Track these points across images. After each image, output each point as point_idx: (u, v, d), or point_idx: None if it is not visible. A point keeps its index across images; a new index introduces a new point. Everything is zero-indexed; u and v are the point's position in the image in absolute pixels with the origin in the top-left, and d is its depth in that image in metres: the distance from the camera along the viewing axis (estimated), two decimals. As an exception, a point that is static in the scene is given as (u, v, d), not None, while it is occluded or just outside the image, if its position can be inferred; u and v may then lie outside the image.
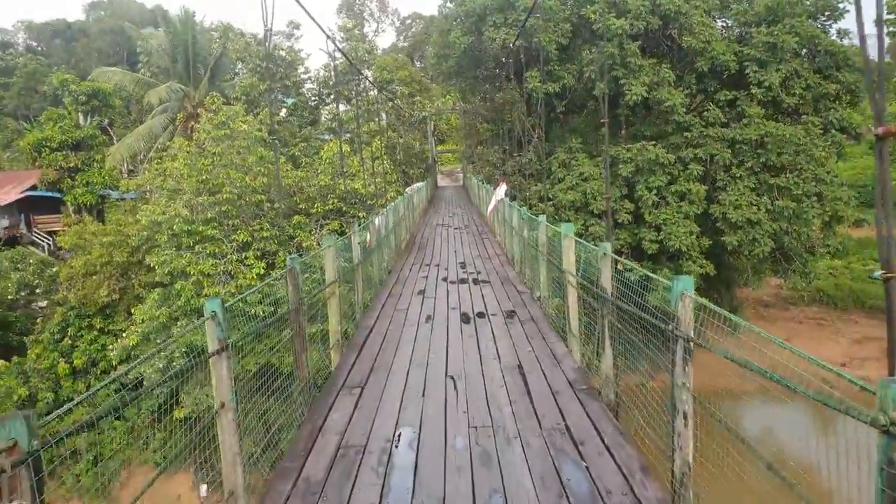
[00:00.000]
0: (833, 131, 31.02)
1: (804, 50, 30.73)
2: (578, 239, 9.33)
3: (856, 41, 32.23)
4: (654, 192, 29.73)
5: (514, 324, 10.59)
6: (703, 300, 5.24)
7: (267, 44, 8.48)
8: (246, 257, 24.14)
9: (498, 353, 8.98)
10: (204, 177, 24.42)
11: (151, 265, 24.19)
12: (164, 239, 24.29)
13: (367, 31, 55.30)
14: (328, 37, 17.25)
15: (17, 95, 48.66)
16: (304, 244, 24.96)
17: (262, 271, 23.86)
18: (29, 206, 36.20)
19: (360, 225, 13.93)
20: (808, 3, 30.85)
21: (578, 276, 9.23)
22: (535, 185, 30.94)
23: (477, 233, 24.86)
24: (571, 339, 9.29)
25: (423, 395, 7.57)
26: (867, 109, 36.97)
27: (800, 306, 38.06)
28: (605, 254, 7.48)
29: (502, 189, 19.93)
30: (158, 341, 23.82)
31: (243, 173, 25.01)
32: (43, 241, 34.52)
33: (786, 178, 29.77)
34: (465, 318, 11.06)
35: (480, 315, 11.27)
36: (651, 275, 6.33)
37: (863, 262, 40.20)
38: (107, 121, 36.46)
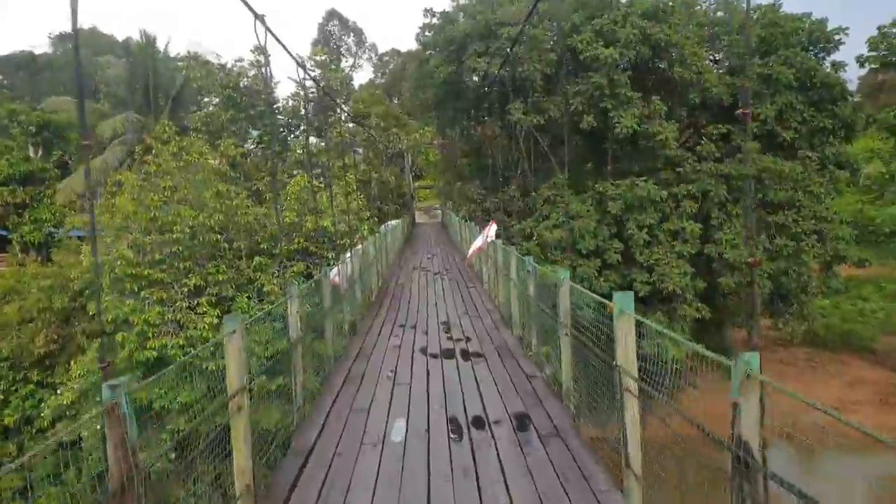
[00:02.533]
0: (830, 167, 27.66)
1: (798, 82, 27.35)
2: (656, 326, 5.32)
3: (850, 73, 29.15)
4: (645, 230, 26.07)
5: (532, 442, 6.45)
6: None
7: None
8: (198, 304, 19.81)
9: (514, 517, 4.88)
10: (153, 214, 20.24)
11: (90, 313, 19.96)
12: (106, 283, 20.07)
13: (343, 65, 51.41)
14: (265, 26, 13.21)
15: (-25, 129, 44.20)
16: (265, 288, 20.75)
17: (217, 320, 19.57)
18: (-28, 244, 31.59)
19: (301, 282, 10.00)
20: (801, 34, 27.54)
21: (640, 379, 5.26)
22: (519, 222, 27.09)
23: (461, 279, 20.51)
24: (632, 483, 5.25)
25: None
26: (861, 144, 33.73)
27: (789, 348, 34.31)
28: (749, 374, 3.49)
29: (492, 229, 15.91)
30: (98, 399, 19.49)
31: (198, 210, 20.91)
32: (-14, 282, 29.93)
33: (784, 216, 26.25)
34: (454, 430, 6.88)
35: (478, 423, 7.08)
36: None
37: (852, 301, 36.61)
38: (68, 156, 32.23)
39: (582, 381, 7.15)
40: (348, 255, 13.54)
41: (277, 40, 8.99)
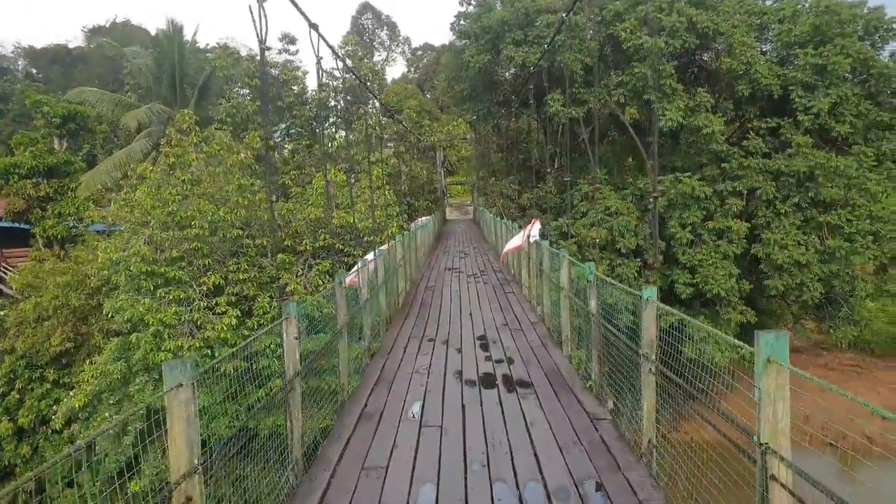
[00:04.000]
0: (888, 163, 24.97)
1: (854, 74, 24.78)
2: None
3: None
4: (689, 229, 23.74)
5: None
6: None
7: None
8: (217, 304, 17.94)
9: None
10: (171, 208, 18.42)
11: (105, 312, 18.33)
12: (122, 281, 18.41)
13: (376, 58, 48.74)
14: (310, 24, 11.13)
15: (12, 122, 42.81)
16: (288, 287, 18.87)
17: (236, 321, 17.72)
18: (-1, 238, 30.13)
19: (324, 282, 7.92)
20: (858, 22, 24.88)
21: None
22: (555, 220, 24.87)
23: (497, 283, 18.00)
24: None
25: None
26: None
27: (834, 352, 31.60)
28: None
29: (535, 227, 13.64)
30: (111, 401, 17.93)
31: (219, 204, 19.13)
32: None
33: (837, 215, 23.68)
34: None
35: (534, 496, 4.96)
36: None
37: (898, 304, 33.68)
38: (96, 148, 30.61)
39: (678, 442, 5.00)
40: (370, 255, 11.40)
41: (334, 52, 6.96)
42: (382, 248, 13.24)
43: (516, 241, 14.49)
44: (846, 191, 23.70)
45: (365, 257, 10.89)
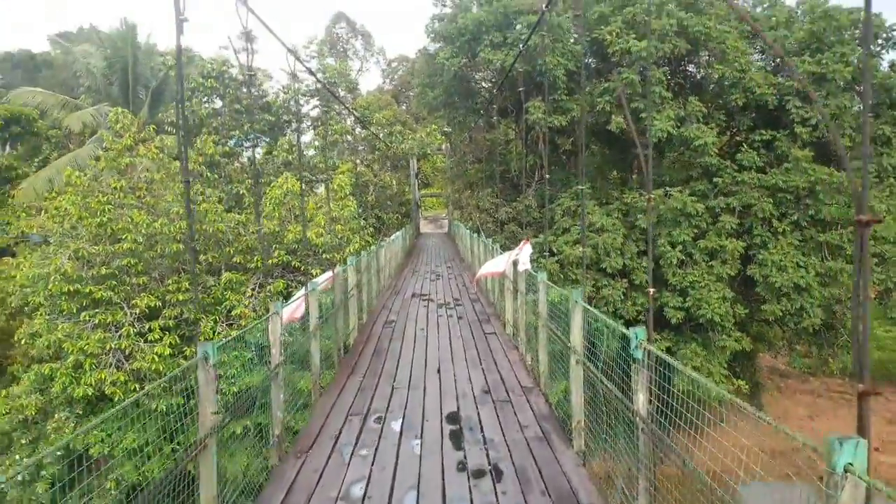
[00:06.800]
0: (890, 179, 22.46)
1: (854, 84, 22.31)
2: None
3: None
4: (679, 248, 21.01)
5: None
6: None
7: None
8: (150, 329, 14.89)
9: None
10: (101, 219, 15.40)
11: (17, 338, 15.37)
12: (40, 301, 15.45)
13: (350, 65, 45.50)
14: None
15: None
16: (234, 311, 15.94)
17: (170, 349, 14.71)
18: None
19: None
20: (857, 29, 22.43)
21: None
22: (536, 236, 22.07)
23: (474, 317, 14.19)
24: None
25: None
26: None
27: (820, 378, 28.88)
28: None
29: (525, 251, 10.22)
30: (24, 441, 14.97)
31: (158, 215, 16.21)
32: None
33: (838, 235, 21.12)
34: None
35: None
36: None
37: (888, 329, 31.09)
38: (50, 154, 27.46)
39: None
40: (288, 306, 7.63)
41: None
42: (321, 279, 9.91)
43: (498, 265, 11.41)
44: (847, 209, 21.15)
45: (275, 304, 7.08)
